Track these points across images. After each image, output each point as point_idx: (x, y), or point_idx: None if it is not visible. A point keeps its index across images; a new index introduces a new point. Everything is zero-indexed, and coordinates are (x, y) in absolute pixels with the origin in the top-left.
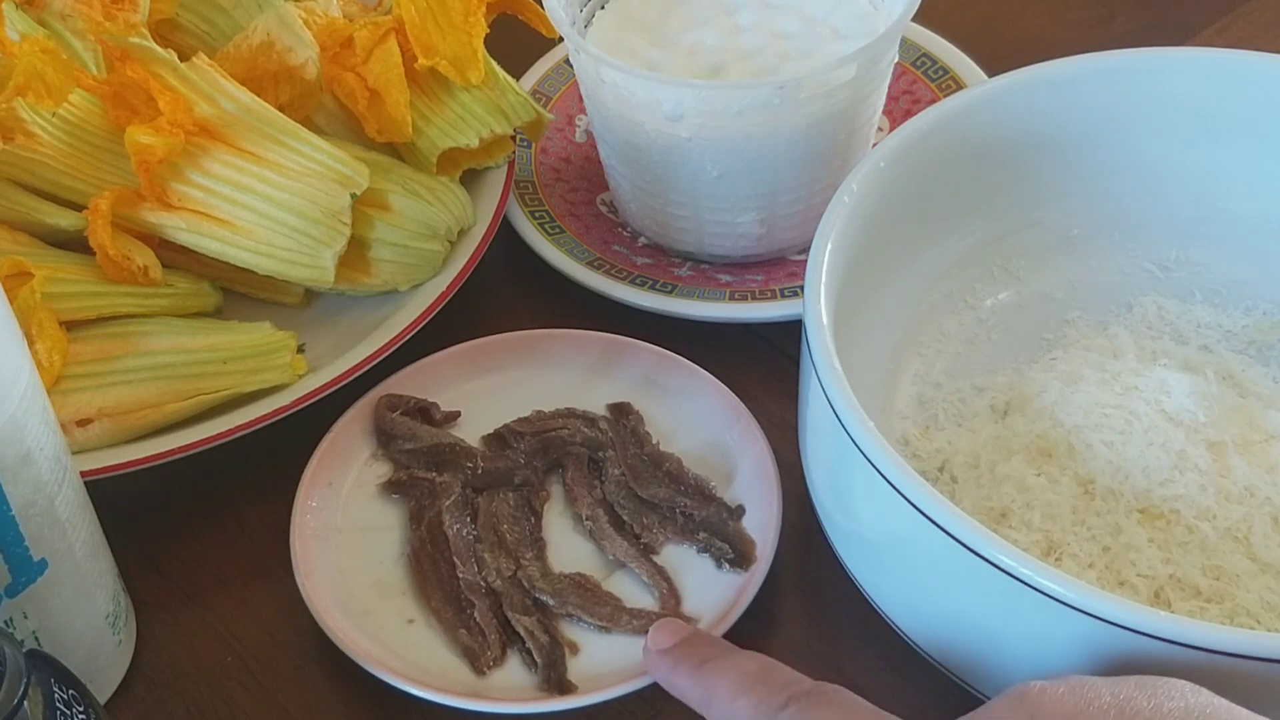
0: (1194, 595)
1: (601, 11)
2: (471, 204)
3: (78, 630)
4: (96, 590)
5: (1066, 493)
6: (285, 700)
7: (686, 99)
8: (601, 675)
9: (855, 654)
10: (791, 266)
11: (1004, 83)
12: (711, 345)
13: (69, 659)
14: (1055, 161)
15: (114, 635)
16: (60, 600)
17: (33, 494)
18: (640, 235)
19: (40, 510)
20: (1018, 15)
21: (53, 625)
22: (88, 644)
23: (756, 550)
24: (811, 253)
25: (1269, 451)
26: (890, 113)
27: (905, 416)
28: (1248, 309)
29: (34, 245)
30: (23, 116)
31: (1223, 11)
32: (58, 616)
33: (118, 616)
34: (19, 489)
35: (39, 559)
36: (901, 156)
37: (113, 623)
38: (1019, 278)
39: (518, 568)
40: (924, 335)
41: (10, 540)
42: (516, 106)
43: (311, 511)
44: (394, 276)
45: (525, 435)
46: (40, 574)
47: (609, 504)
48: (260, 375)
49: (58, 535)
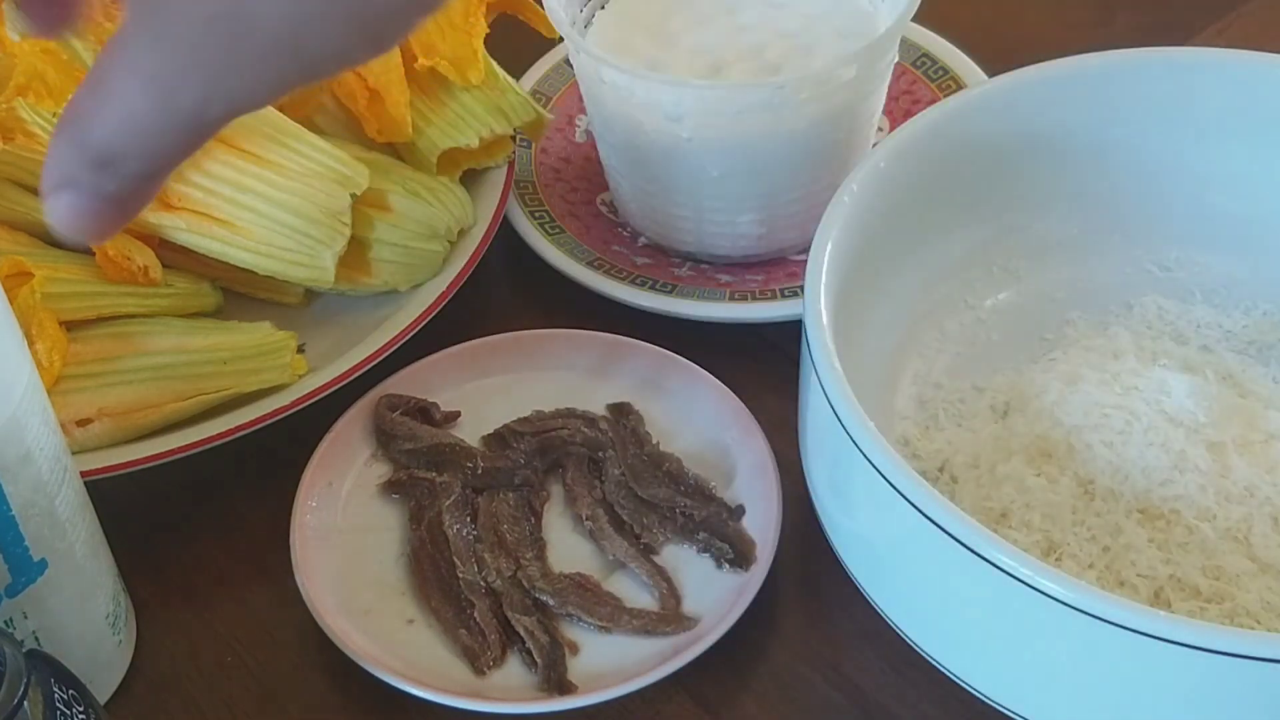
0: (1194, 595)
1: (601, 11)
2: (471, 204)
3: (78, 630)
4: (96, 590)
5: (1066, 493)
6: (285, 700)
7: (686, 99)
8: (601, 675)
9: (855, 654)
10: (791, 266)
11: (1004, 83)
12: (711, 345)
13: (69, 659)
14: (1055, 161)
15: (114, 635)
16: (60, 600)
17: (33, 494)
18: (640, 235)
19: (40, 510)
20: (1018, 15)
21: (53, 625)
22: (88, 644)
23: (756, 550)
24: (811, 253)
25: (1269, 451)
26: (890, 113)
27: (905, 416)
28: (1248, 309)
29: (34, 245)
30: (23, 116)
31: (1223, 11)
32: (58, 616)
33: (118, 616)
34: (19, 489)
35: (39, 559)
36: (901, 156)
37: (112, 623)
38: (1019, 278)
39: (518, 568)
40: (924, 335)
41: (10, 540)
42: (516, 106)
43: (311, 511)
44: (394, 276)
45: (525, 435)
46: (40, 574)
47: (609, 504)
48: (260, 375)
49: (58, 535)
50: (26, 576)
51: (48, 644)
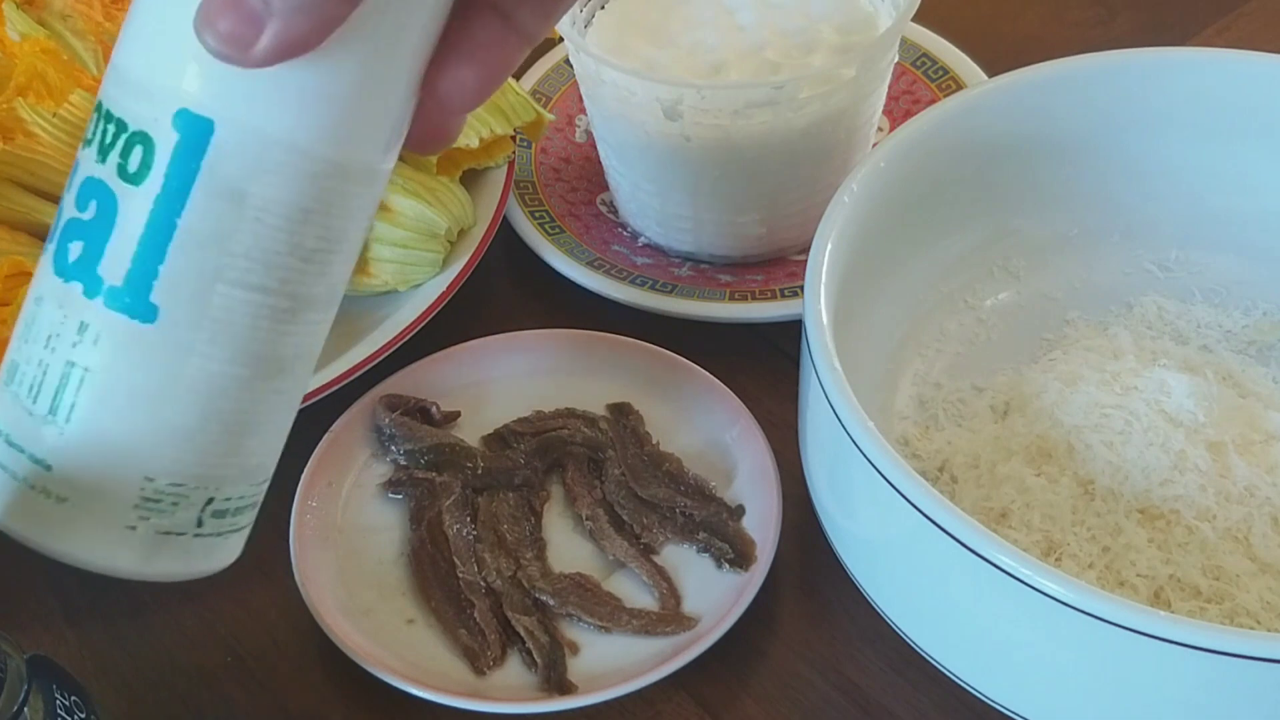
0: (1194, 595)
1: (601, 11)
2: (471, 204)
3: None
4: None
5: (1066, 493)
6: (285, 700)
7: (686, 99)
8: (601, 675)
9: (855, 654)
10: (791, 266)
11: (1004, 83)
12: (711, 345)
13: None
14: (1055, 161)
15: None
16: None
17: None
18: (640, 235)
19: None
20: (1018, 15)
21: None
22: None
23: (756, 550)
24: (811, 253)
25: (1269, 452)
26: (890, 113)
27: (905, 416)
28: (1248, 309)
29: (34, 245)
30: (23, 116)
31: (1223, 11)
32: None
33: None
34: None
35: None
36: (901, 156)
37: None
38: (1019, 278)
39: (518, 568)
40: (924, 335)
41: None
42: (516, 106)
43: (311, 511)
44: (394, 276)
45: (525, 435)
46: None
47: (609, 504)
48: None
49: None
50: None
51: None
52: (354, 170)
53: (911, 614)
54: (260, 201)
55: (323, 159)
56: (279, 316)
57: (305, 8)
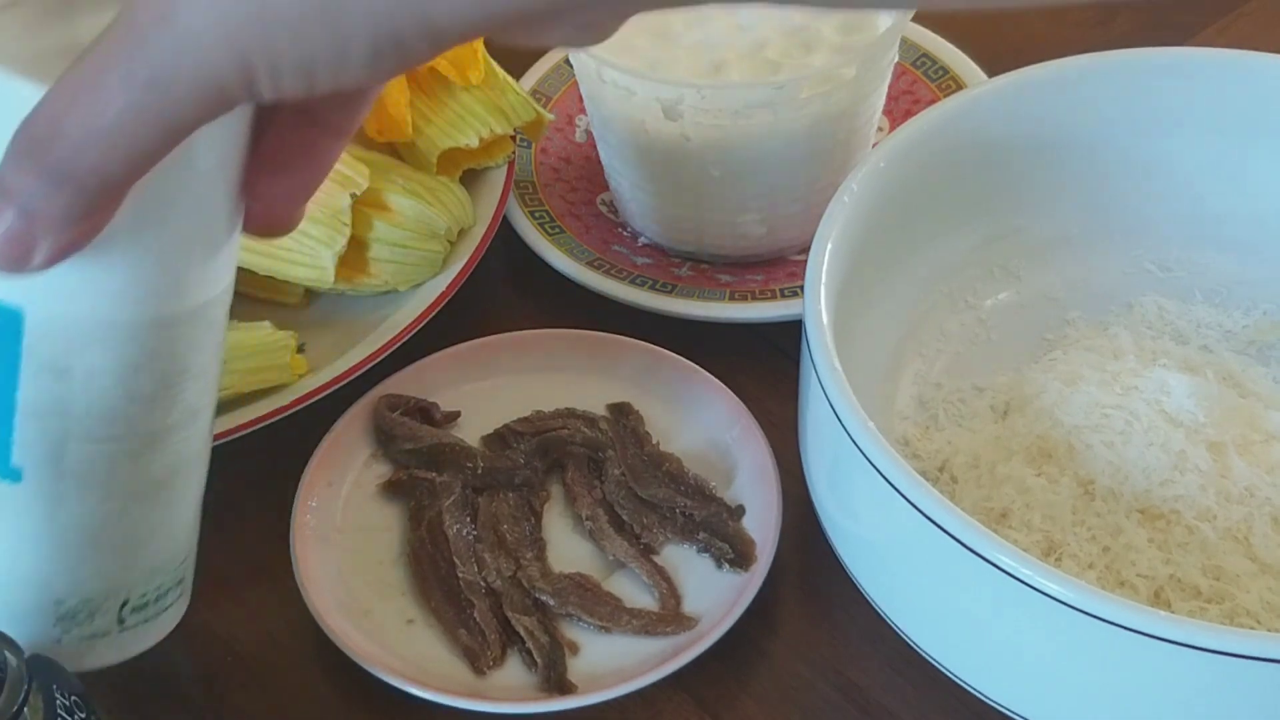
0: (1194, 595)
1: None
2: (471, 204)
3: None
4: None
5: (1066, 493)
6: (285, 700)
7: (687, 98)
8: (601, 675)
9: (856, 654)
10: (791, 266)
11: (1004, 83)
12: (711, 345)
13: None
14: (1055, 161)
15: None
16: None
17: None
18: (640, 235)
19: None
20: (1018, 15)
21: None
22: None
23: (756, 550)
24: (811, 253)
25: (1269, 452)
26: (890, 113)
27: (905, 416)
28: (1248, 309)
29: None
30: None
31: (1223, 11)
32: None
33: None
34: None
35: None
36: (901, 156)
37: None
38: (1019, 278)
39: (518, 568)
40: (924, 335)
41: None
42: (516, 106)
43: (311, 511)
44: (394, 276)
45: (525, 435)
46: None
47: (609, 504)
48: (260, 375)
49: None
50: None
51: None
52: (179, 317)
53: (911, 614)
54: (85, 371)
55: (137, 323)
56: (138, 454)
57: (73, 219)
